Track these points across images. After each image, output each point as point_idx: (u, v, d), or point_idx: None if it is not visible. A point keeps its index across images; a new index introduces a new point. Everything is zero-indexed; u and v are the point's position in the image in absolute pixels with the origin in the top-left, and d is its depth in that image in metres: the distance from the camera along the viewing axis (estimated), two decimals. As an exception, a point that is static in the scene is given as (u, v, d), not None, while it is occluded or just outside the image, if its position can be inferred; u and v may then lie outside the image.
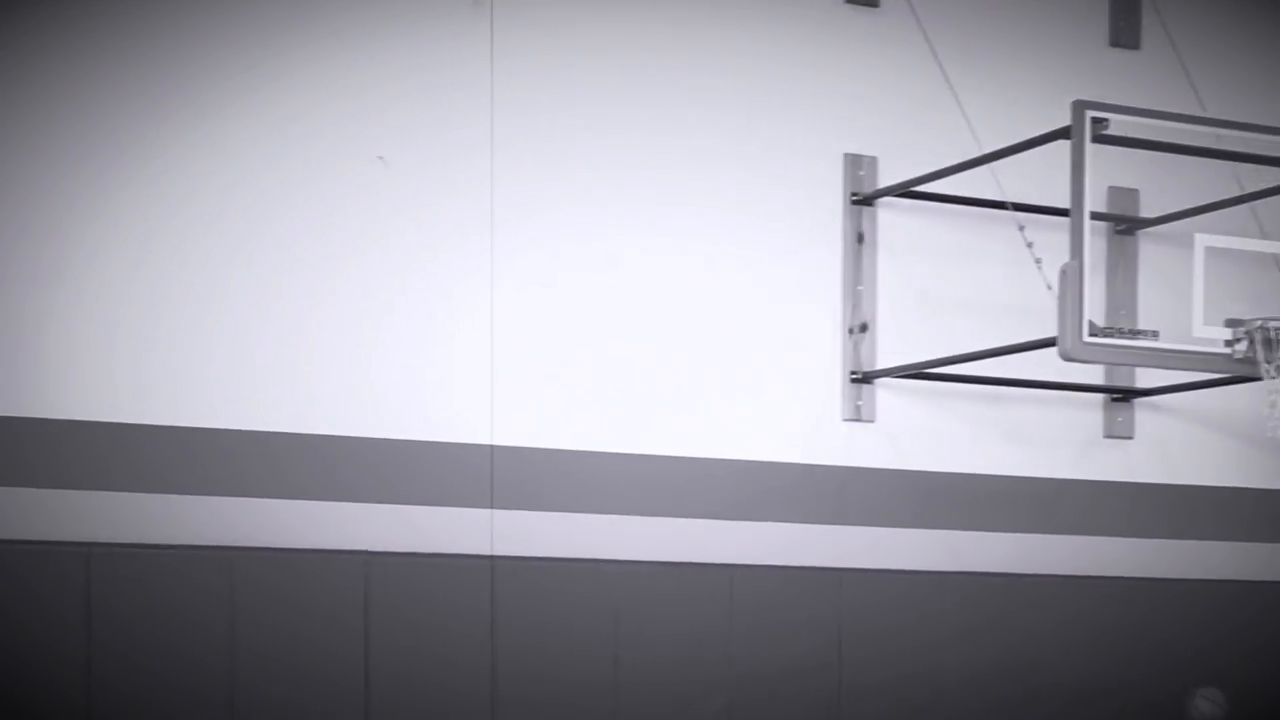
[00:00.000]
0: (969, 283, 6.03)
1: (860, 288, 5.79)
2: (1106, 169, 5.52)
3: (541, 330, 5.52)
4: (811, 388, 5.84)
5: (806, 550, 5.81)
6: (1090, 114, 4.91)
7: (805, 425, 5.82)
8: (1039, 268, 5.26)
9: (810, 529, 5.82)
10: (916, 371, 5.80)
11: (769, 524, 5.78)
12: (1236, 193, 5.83)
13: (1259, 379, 5.08)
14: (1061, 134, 5.03)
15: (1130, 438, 6.31)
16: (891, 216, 5.90)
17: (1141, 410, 6.32)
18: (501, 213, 5.44)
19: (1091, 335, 4.94)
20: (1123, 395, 6.24)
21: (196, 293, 5.20)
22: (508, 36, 5.40)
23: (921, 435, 5.97)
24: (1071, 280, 4.89)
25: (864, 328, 5.79)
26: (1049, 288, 5.10)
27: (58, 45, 5.04)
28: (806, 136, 5.82)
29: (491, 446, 5.42)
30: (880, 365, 5.83)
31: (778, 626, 5.80)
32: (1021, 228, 5.45)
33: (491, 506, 5.41)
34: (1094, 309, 5.02)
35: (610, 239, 5.61)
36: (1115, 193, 6.16)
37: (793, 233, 5.80)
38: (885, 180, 5.83)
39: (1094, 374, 6.10)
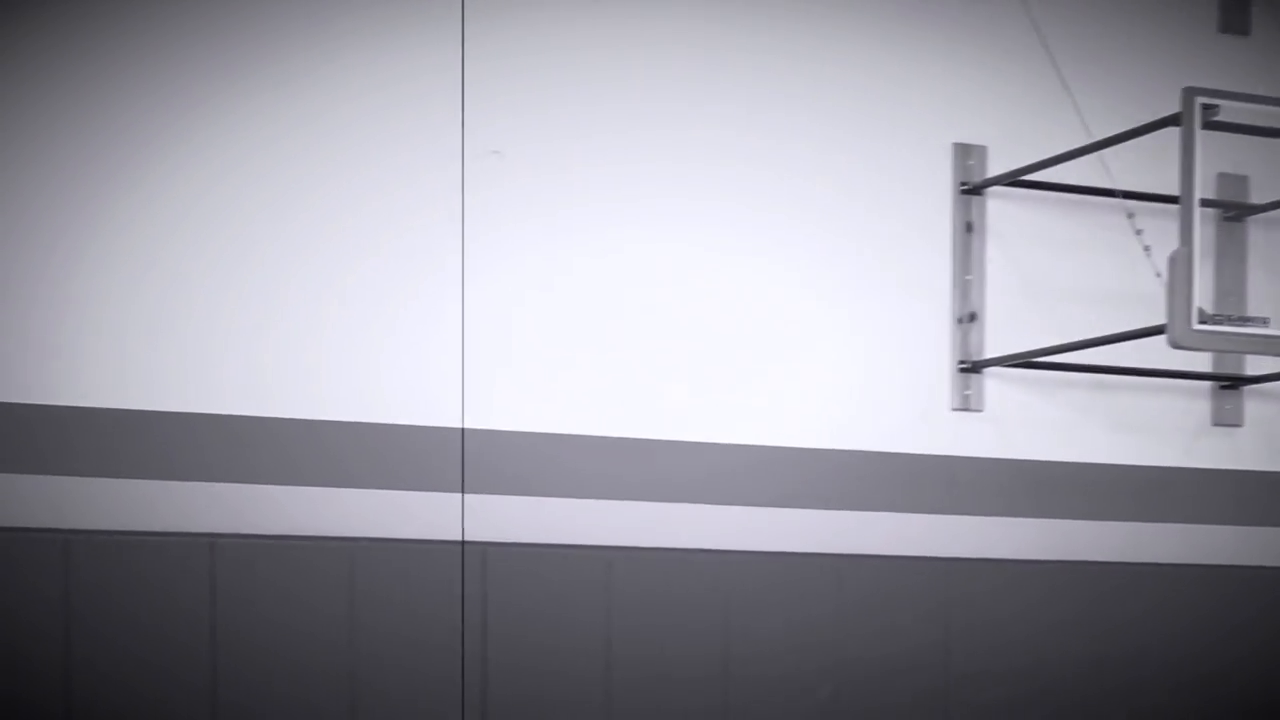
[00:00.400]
0: (1077, 271, 5.99)
1: (969, 277, 5.79)
2: (1216, 156, 5.49)
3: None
4: (920, 378, 5.86)
5: (916, 540, 5.84)
6: (1200, 100, 4.87)
7: (914, 415, 5.84)
8: (1148, 255, 5.25)
9: (918, 518, 5.86)
10: (1025, 361, 5.79)
11: (878, 513, 5.82)
12: (1349, 177, 5.79)
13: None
14: (1171, 121, 4.99)
15: (1239, 425, 6.26)
16: (1000, 206, 5.89)
17: (1250, 398, 6.27)
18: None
19: (1200, 322, 4.90)
20: (1231, 383, 6.19)
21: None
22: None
23: (1029, 424, 5.96)
24: (1180, 267, 4.87)
25: (973, 317, 5.79)
26: (1158, 275, 5.07)
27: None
28: (915, 126, 5.83)
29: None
30: (988, 354, 5.83)
31: (885, 616, 5.85)
32: (1130, 215, 5.43)
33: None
34: (1203, 296, 4.97)
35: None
36: (1224, 179, 6.11)
37: (901, 222, 5.81)
38: (994, 169, 5.83)
39: (1202, 362, 6.07)
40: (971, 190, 5.80)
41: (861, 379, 5.80)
